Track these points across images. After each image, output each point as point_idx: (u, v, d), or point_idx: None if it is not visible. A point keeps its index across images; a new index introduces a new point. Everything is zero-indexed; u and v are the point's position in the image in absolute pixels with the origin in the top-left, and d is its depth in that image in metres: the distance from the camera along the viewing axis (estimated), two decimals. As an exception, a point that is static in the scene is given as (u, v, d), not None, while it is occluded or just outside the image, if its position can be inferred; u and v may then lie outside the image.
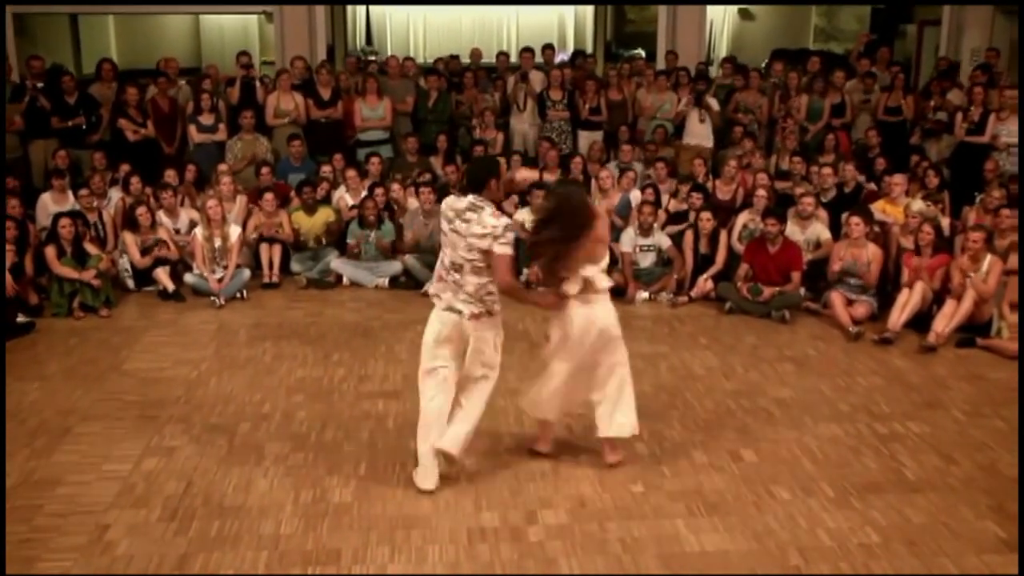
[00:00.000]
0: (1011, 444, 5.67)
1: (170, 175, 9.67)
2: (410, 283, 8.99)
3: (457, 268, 4.89)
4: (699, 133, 10.87)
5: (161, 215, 9.16)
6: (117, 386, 6.57)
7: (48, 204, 9.22)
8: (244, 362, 7.06)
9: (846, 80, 11.10)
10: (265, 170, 9.82)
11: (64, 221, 8.32)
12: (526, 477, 5.21)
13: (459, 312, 4.90)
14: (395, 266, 9.09)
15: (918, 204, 8.67)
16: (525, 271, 8.91)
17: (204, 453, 5.51)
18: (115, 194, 9.60)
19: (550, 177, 10.00)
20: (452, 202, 4.94)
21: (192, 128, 10.49)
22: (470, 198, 4.89)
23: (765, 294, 8.13)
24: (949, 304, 7.51)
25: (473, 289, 4.87)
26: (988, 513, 4.87)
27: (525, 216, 9.27)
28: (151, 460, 5.42)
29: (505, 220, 4.86)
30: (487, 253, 4.81)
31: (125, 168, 9.77)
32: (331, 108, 10.75)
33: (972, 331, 7.47)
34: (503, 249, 4.79)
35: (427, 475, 5.02)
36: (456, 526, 4.72)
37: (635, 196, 9.42)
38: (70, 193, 9.27)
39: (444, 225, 4.96)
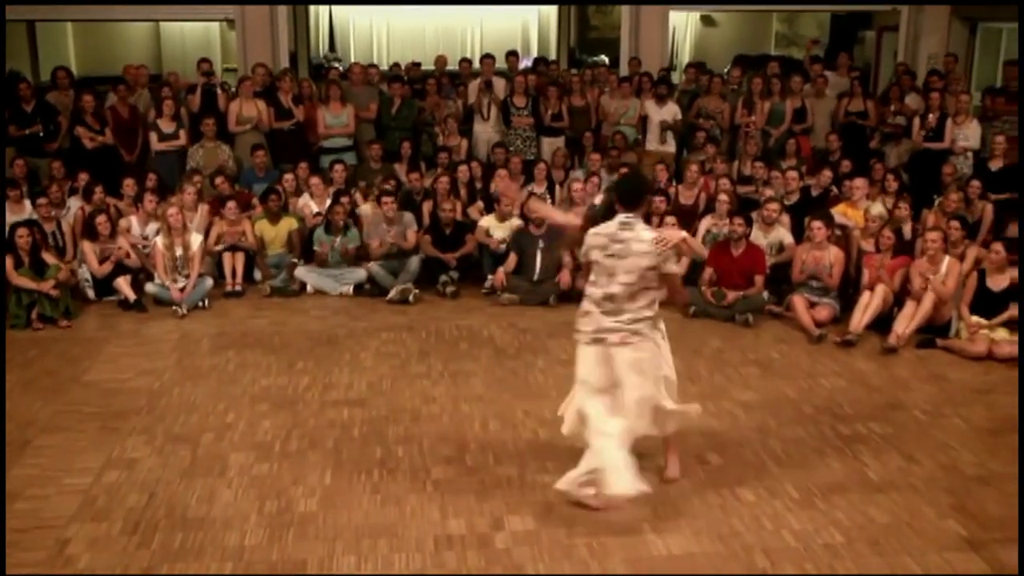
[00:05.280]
0: (971, 443, 5.76)
1: (128, 184, 9.57)
2: (375, 290, 8.94)
3: (609, 298, 4.73)
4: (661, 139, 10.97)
5: (132, 220, 9.08)
6: (78, 398, 6.48)
7: (3, 214, 9.08)
8: (207, 372, 6.99)
9: (803, 85, 11.23)
10: (219, 179, 9.67)
11: (21, 231, 8.18)
12: (492, 483, 5.20)
13: (602, 341, 4.76)
14: (359, 274, 9.05)
15: (878, 207, 8.78)
16: (490, 277, 8.95)
17: (167, 464, 5.45)
18: (74, 203, 9.47)
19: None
20: (600, 229, 4.75)
21: (153, 135, 10.38)
22: (621, 216, 4.73)
23: (729, 298, 8.18)
24: (909, 305, 7.61)
25: (629, 316, 4.71)
26: (950, 512, 4.93)
27: (491, 223, 9.29)
28: (112, 472, 5.34)
29: (657, 234, 4.72)
30: (648, 272, 4.67)
31: (84, 177, 9.64)
32: (291, 118, 10.66)
33: (932, 332, 7.58)
34: (674, 268, 4.75)
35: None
36: (422, 534, 4.70)
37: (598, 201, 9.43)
38: (27, 202, 9.14)
39: (597, 255, 4.74)
